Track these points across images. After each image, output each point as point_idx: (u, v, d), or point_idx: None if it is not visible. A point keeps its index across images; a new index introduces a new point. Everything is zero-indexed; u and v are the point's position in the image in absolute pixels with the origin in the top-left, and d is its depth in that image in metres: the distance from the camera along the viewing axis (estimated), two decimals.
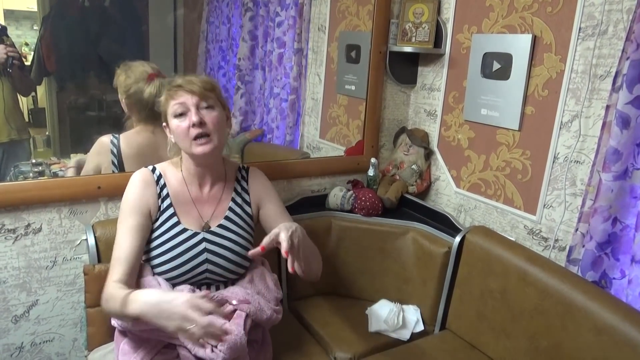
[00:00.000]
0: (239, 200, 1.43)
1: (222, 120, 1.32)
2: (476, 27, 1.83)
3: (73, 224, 1.60)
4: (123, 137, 1.67)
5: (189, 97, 1.27)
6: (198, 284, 1.33)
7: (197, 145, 1.27)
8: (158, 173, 1.37)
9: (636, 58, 1.29)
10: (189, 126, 1.26)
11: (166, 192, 1.35)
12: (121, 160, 1.65)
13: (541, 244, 1.67)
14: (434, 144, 2.08)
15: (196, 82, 1.27)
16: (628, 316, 1.26)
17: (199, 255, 1.31)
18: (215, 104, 1.31)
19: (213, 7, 2.69)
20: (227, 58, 2.71)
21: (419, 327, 1.76)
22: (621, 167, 1.36)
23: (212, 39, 2.71)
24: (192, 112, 1.26)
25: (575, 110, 1.53)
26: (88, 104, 2.33)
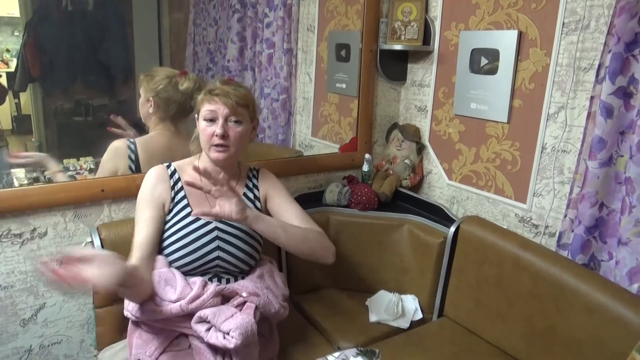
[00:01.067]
0: (250, 196, 1.50)
1: (246, 134, 1.40)
2: (463, 24, 1.90)
3: (78, 227, 1.62)
4: (139, 141, 1.71)
5: (221, 108, 1.34)
6: (210, 276, 1.38)
7: (214, 151, 1.36)
8: (173, 168, 1.44)
9: (617, 51, 1.36)
10: (213, 134, 1.34)
11: (180, 185, 1.42)
12: (139, 165, 1.70)
13: (532, 231, 1.74)
14: (425, 138, 2.14)
15: (232, 96, 1.34)
16: (617, 295, 1.34)
17: (210, 243, 1.37)
18: (244, 119, 1.38)
19: (200, 9, 2.71)
20: (215, 60, 2.74)
21: (418, 315, 1.82)
22: (606, 155, 1.43)
23: (199, 41, 2.74)
24: (219, 122, 1.34)
25: (561, 102, 1.60)
26: (74, 109, 2.33)
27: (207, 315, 1.25)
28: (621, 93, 1.39)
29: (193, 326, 1.26)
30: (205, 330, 1.24)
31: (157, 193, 1.39)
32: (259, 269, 1.44)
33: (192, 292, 1.27)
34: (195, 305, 1.26)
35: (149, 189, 1.39)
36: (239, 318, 1.24)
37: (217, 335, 1.22)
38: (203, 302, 1.27)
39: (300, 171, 2.09)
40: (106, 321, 1.54)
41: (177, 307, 1.26)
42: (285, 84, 2.50)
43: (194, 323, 1.27)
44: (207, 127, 1.35)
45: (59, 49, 2.23)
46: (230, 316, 1.25)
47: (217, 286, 1.32)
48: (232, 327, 1.21)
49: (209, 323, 1.25)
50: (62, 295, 1.60)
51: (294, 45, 2.46)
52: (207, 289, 1.31)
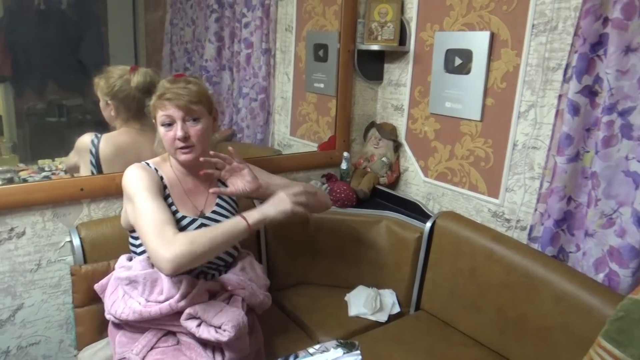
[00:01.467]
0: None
1: (207, 129, 1.38)
2: (438, 25, 1.95)
3: (57, 227, 1.62)
4: (104, 137, 1.68)
5: (175, 111, 1.31)
6: (196, 272, 1.38)
7: (181, 154, 1.35)
8: (153, 167, 1.41)
9: (583, 51, 1.43)
10: (174, 138, 1.32)
11: (164, 183, 1.40)
12: (98, 161, 1.67)
13: (504, 225, 1.80)
14: (402, 136, 2.19)
15: (183, 96, 1.31)
16: (583, 284, 1.40)
17: None
18: (201, 115, 1.35)
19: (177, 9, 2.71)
20: (192, 59, 2.74)
21: (396, 309, 1.86)
22: (573, 151, 1.50)
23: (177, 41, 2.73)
24: (177, 125, 1.32)
25: (531, 101, 1.66)
26: (48, 109, 2.30)
27: (197, 311, 1.26)
28: (587, 92, 1.46)
29: (183, 323, 1.27)
30: (196, 326, 1.26)
31: (152, 182, 1.32)
32: (240, 262, 1.45)
33: (181, 290, 1.28)
34: (184, 303, 1.27)
35: (142, 177, 1.32)
36: (229, 312, 1.27)
37: (208, 330, 1.24)
38: (192, 299, 1.28)
39: (279, 169, 2.11)
40: (86, 321, 1.53)
41: (167, 307, 1.27)
42: (264, 84, 2.52)
43: (184, 320, 1.28)
44: (167, 132, 1.33)
45: (31, 48, 2.19)
46: (220, 310, 1.27)
47: (204, 282, 1.33)
48: (223, 320, 1.24)
49: (199, 319, 1.27)
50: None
51: (272, 45, 2.48)
52: (195, 285, 1.32)
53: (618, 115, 1.39)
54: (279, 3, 2.42)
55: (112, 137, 1.70)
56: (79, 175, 1.70)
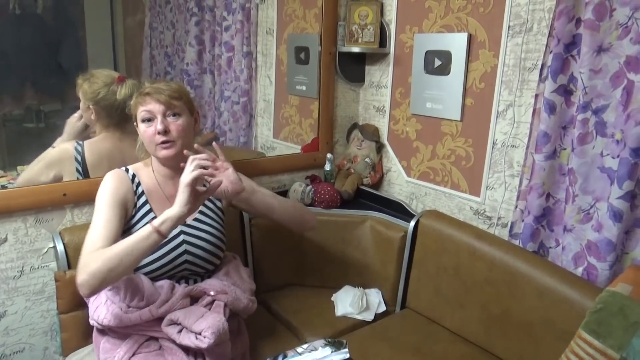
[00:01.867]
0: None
1: (188, 126, 1.38)
2: (417, 27, 1.99)
3: (39, 233, 1.60)
4: (87, 144, 1.67)
5: (156, 105, 1.33)
6: (177, 278, 1.39)
7: (161, 149, 1.35)
8: (132, 173, 1.41)
9: (558, 52, 1.47)
10: (155, 133, 1.33)
11: (141, 189, 1.40)
12: (86, 168, 1.66)
13: (486, 223, 1.84)
14: (384, 137, 2.21)
15: (164, 91, 1.33)
16: (564, 278, 1.44)
17: (178, 247, 1.37)
18: (182, 111, 1.37)
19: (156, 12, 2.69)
20: (173, 63, 2.72)
21: (382, 308, 1.88)
22: (550, 148, 1.54)
23: (156, 45, 2.72)
24: (158, 119, 1.33)
25: (509, 100, 1.70)
26: (25, 115, 2.27)
27: (177, 317, 1.26)
28: (562, 90, 1.50)
29: (164, 329, 1.27)
30: (177, 333, 1.26)
31: (122, 195, 1.34)
32: (224, 267, 1.46)
33: (161, 296, 1.28)
34: (165, 309, 1.28)
35: (111, 191, 1.34)
36: (209, 318, 1.26)
37: (189, 336, 1.24)
38: (172, 305, 1.28)
39: (263, 172, 2.12)
40: (71, 327, 1.52)
41: (147, 313, 1.27)
42: (246, 87, 2.52)
43: (165, 326, 1.28)
44: (148, 128, 1.34)
45: (6, 53, 2.16)
46: (201, 316, 1.27)
47: (185, 287, 1.33)
48: (204, 327, 1.23)
49: (180, 325, 1.27)
50: None
51: (253, 49, 2.48)
52: (175, 291, 1.32)
53: (592, 113, 1.43)
54: (259, 6, 2.43)
55: (95, 143, 1.69)
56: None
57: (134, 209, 1.38)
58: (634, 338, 1.18)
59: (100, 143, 1.70)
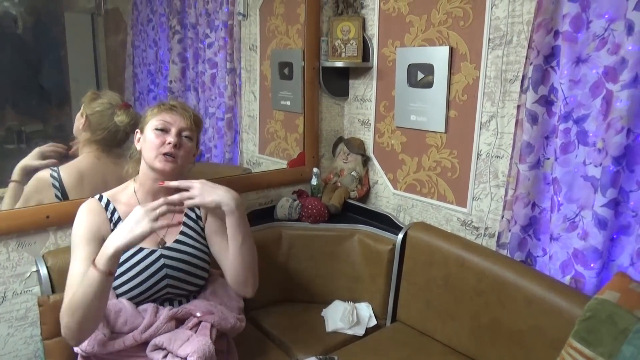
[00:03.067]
0: (192, 215, 1.48)
1: (192, 153, 1.43)
2: (399, 41, 2.01)
3: (22, 257, 1.56)
4: (63, 168, 1.64)
5: (178, 120, 1.36)
6: (161, 301, 1.36)
7: (162, 160, 1.34)
8: (106, 200, 1.38)
9: (538, 63, 1.50)
10: (163, 142, 1.33)
11: (117, 215, 1.37)
12: (65, 192, 1.63)
13: (473, 233, 1.85)
14: (370, 150, 2.22)
15: (189, 113, 1.39)
16: (552, 286, 1.45)
17: (158, 272, 1.34)
18: (193, 138, 1.41)
19: (138, 30, 2.69)
20: (156, 81, 2.72)
21: (372, 322, 1.87)
22: (534, 158, 1.56)
23: (139, 63, 2.71)
24: (172, 132, 1.35)
25: (492, 111, 1.72)
26: (6, 136, 2.24)
27: (162, 342, 1.24)
28: (543, 101, 1.52)
29: (149, 355, 1.25)
30: (162, 358, 1.23)
31: (95, 228, 1.32)
32: (210, 286, 1.44)
33: (145, 321, 1.26)
34: (149, 334, 1.25)
35: (85, 224, 1.32)
36: (195, 341, 1.24)
37: None
38: (157, 330, 1.26)
39: (250, 188, 2.12)
40: (56, 353, 1.48)
41: (131, 338, 1.25)
42: (230, 103, 2.52)
43: (149, 351, 1.25)
44: (158, 136, 1.34)
45: None
46: (186, 340, 1.25)
47: (169, 310, 1.31)
48: (189, 351, 1.21)
49: (165, 350, 1.24)
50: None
51: (237, 65, 2.49)
52: (159, 314, 1.29)
53: (574, 123, 1.45)
54: (242, 23, 2.44)
55: (72, 166, 1.67)
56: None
57: None
58: (623, 345, 1.19)
59: (79, 164, 1.68)
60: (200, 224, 1.48)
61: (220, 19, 2.44)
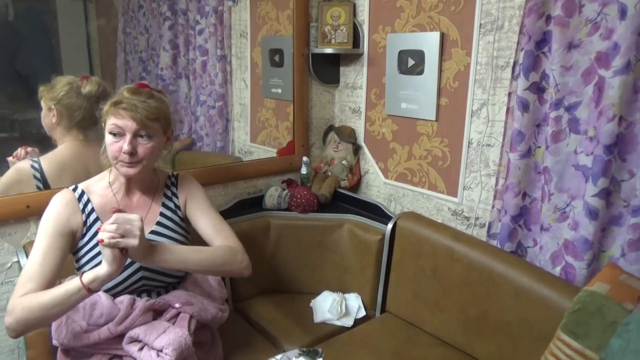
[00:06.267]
0: (170, 205, 1.43)
1: (158, 148, 1.31)
2: (390, 27, 1.96)
3: (2, 247, 1.54)
4: (44, 159, 1.61)
5: (128, 123, 1.23)
6: (138, 292, 1.33)
7: (123, 166, 1.27)
8: (80, 191, 1.33)
9: (529, 49, 1.45)
10: (120, 150, 1.25)
11: (91, 207, 1.32)
12: (47, 183, 1.60)
13: (464, 223, 1.81)
14: (360, 139, 2.19)
15: (141, 110, 1.23)
16: (541, 278, 1.42)
17: (133, 264, 1.30)
18: (155, 134, 1.29)
19: (129, 17, 2.64)
20: (148, 68, 2.67)
21: (361, 312, 1.85)
22: (525, 147, 1.53)
23: (130, 50, 2.66)
24: (127, 138, 1.24)
25: (483, 99, 1.68)
26: None
27: (137, 334, 1.21)
28: (535, 88, 1.48)
29: (125, 347, 1.22)
30: (137, 350, 1.21)
31: (64, 220, 1.27)
32: (191, 276, 1.40)
33: (120, 313, 1.22)
34: (124, 326, 1.22)
35: (54, 218, 1.27)
36: (171, 333, 1.21)
37: (150, 354, 1.18)
38: (133, 322, 1.23)
39: (239, 177, 2.08)
40: (37, 344, 1.45)
41: (106, 331, 1.22)
42: (221, 91, 2.48)
43: (125, 344, 1.23)
44: (114, 142, 1.25)
45: None
46: (163, 332, 1.22)
47: (146, 302, 1.27)
48: (164, 343, 1.18)
49: (141, 342, 1.22)
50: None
51: (227, 52, 2.45)
52: (135, 306, 1.26)
53: (565, 110, 1.42)
54: (232, 9, 2.39)
55: (53, 156, 1.64)
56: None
57: (84, 228, 1.30)
58: (612, 338, 1.16)
59: (60, 154, 1.64)
60: (179, 214, 1.43)
61: (211, 4, 2.40)
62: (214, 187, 1.99)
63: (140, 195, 1.39)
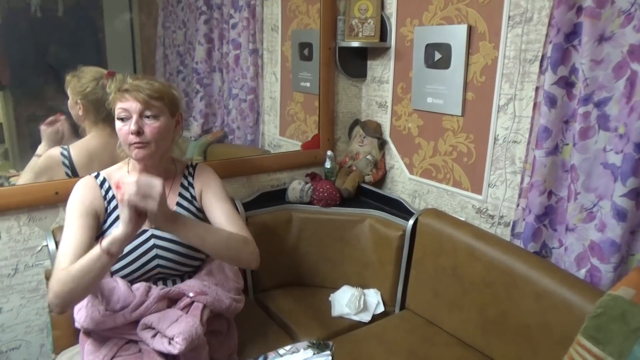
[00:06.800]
0: (187, 195, 1.45)
1: (166, 129, 1.32)
2: (417, 20, 1.92)
3: (33, 231, 1.61)
4: (73, 147, 1.67)
5: (132, 104, 1.27)
6: (154, 280, 1.36)
7: (134, 149, 1.30)
8: (102, 178, 1.38)
9: (557, 42, 1.39)
10: (128, 132, 1.28)
11: (111, 194, 1.36)
12: (75, 171, 1.66)
13: (488, 222, 1.76)
14: (386, 133, 2.16)
15: (143, 90, 1.27)
16: (563, 281, 1.37)
17: (148, 252, 1.33)
18: (161, 113, 1.31)
19: (168, 12, 2.70)
20: (185, 62, 2.73)
21: (380, 308, 1.83)
22: (551, 144, 1.46)
23: (169, 44, 2.72)
24: (132, 119, 1.27)
25: (510, 94, 1.63)
26: (46, 115, 2.31)
27: (151, 321, 1.24)
28: (563, 83, 1.42)
29: (139, 333, 1.25)
30: (150, 337, 1.24)
31: (88, 203, 1.32)
32: (207, 266, 1.42)
33: (135, 300, 1.26)
34: (139, 313, 1.25)
35: (80, 198, 1.32)
36: (183, 322, 1.23)
37: (162, 341, 1.21)
38: (147, 309, 1.26)
39: (263, 169, 2.10)
40: (62, 325, 1.52)
41: (121, 317, 1.25)
42: (252, 84, 2.51)
43: (140, 330, 1.26)
44: (122, 127, 1.28)
45: (28, 55, 2.19)
46: (175, 320, 1.24)
47: (161, 290, 1.30)
48: (175, 332, 1.20)
49: (154, 329, 1.24)
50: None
51: (259, 46, 2.46)
52: (150, 294, 1.29)
53: (594, 106, 1.35)
54: (264, 3, 2.41)
55: (82, 144, 1.69)
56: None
57: (105, 214, 1.35)
58: (635, 345, 1.11)
59: (88, 143, 1.69)
60: (195, 204, 1.46)
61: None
62: (238, 179, 2.01)
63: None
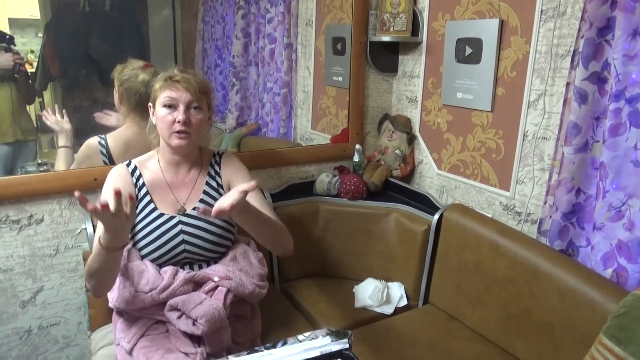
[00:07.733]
0: (213, 184, 1.49)
1: (205, 122, 1.42)
2: (449, 14, 1.91)
3: (73, 214, 1.71)
4: (110, 136, 1.76)
5: (183, 95, 1.34)
6: (181, 264, 1.42)
7: (176, 138, 1.36)
8: (133, 166, 1.45)
9: (590, 36, 1.36)
10: (174, 120, 1.35)
11: (142, 181, 1.43)
12: (112, 159, 1.75)
13: (515, 219, 1.74)
14: (416, 128, 2.16)
15: (194, 82, 1.35)
16: (587, 279, 1.35)
17: (175, 237, 1.39)
18: (203, 106, 1.39)
19: (208, 6, 2.78)
20: (223, 56, 2.80)
21: (403, 302, 1.85)
22: (581, 141, 1.44)
23: (208, 38, 2.80)
24: (181, 109, 1.34)
25: (541, 89, 1.60)
26: (92, 106, 2.42)
27: (177, 303, 1.30)
28: (595, 78, 1.39)
29: (166, 314, 1.32)
30: (176, 318, 1.30)
31: (122, 188, 1.34)
32: (231, 252, 1.47)
33: (163, 282, 1.32)
34: (166, 295, 1.31)
35: (111, 187, 1.36)
36: (207, 305, 1.29)
37: (187, 322, 1.27)
38: (174, 291, 1.32)
39: (291, 162, 2.14)
40: (97, 304, 1.60)
41: (149, 298, 1.32)
42: (286, 78, 2.55)
43: (167, 311, 1.32)
44: (168, 114, 1.35)
45: (76, 48, 2.30)
46: (200, 303, 1.30)
47: (187, 274, 1.36)
48: (199, 314, 1.26)
49: (180, 310, 1.31)
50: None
51: (293, 40, 2.50)
52: (177, 277, 1.35)
53: (626, 103, 1.32)
54: None
55: (118, 134, 1.78)
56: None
57: (136, 201, 1.41)
58: None
59: (123, 132, 1.78)
60: (222, 193, 1.50)
61: None
62: (267, 171, 2.06)
63: (187, 172, 1.47)
